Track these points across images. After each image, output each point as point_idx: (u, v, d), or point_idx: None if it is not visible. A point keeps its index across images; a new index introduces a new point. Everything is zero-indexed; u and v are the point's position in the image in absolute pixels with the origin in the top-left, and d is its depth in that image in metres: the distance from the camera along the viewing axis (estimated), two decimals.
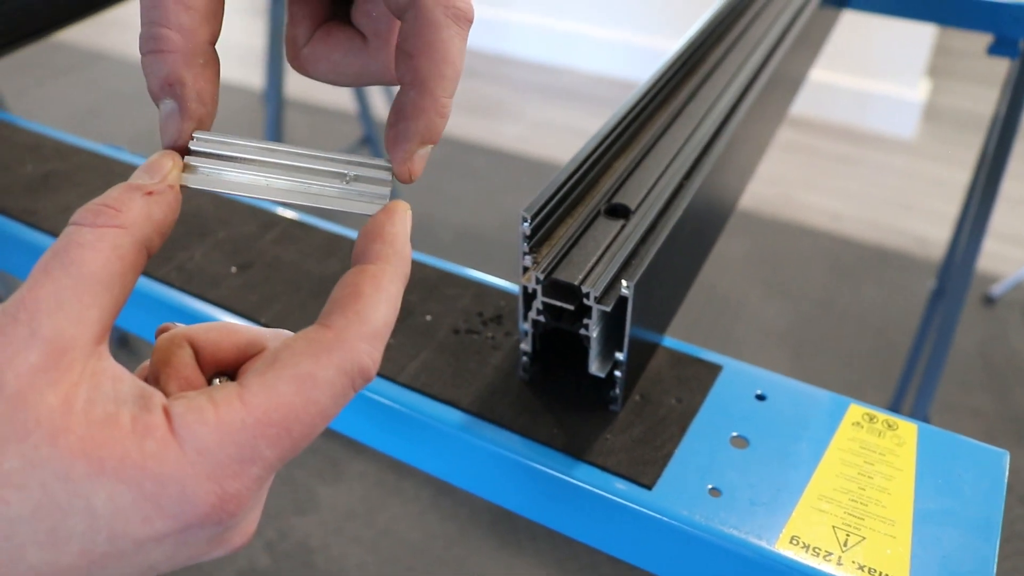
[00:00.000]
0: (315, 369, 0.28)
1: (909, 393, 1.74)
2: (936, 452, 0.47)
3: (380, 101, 2.71)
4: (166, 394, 0.30)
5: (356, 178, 0.34)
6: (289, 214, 0.65)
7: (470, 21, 0.33)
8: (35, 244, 0.62)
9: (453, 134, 2.78)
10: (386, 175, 0.34)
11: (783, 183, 2.58)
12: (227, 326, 0.34)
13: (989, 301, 2.12)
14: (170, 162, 0.32)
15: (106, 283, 0.28)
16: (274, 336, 0.34)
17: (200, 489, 0.27)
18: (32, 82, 3.06)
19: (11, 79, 2.93)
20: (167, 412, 0.27)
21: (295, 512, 1.62)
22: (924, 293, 2.01)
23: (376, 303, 0.30)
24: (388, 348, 0.52)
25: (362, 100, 2.24)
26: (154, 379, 0.33)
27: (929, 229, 2.41)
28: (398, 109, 0.34)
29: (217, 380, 0.33)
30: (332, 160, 0.34)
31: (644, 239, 0.46)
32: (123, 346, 1.91)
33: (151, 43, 0.32)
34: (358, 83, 0.38)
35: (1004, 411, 1.84)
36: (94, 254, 0.28)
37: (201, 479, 0.27)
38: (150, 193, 0.30)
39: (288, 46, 0.38)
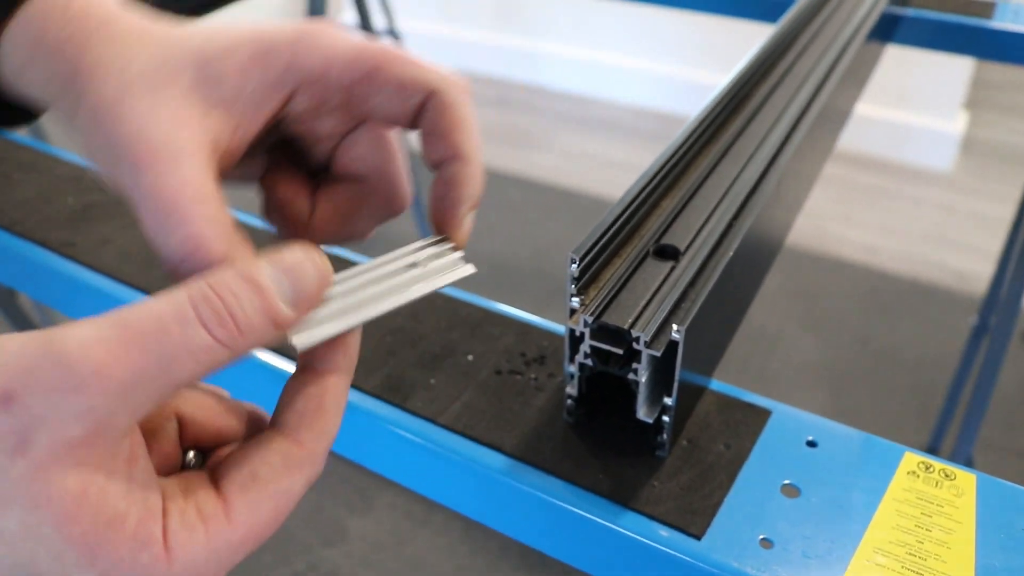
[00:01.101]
0: (291, 486, 0.32)
1: (949, 432, 1.70)
2: (998, 505, 0.45)
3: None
4: None
5: (428, 259, 0.36)
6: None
7: (469, 93, 0.38)
8: (73, 276, 0.62)
9: (487, 164, 2.77)
10: (448, 244, 0.37)
11: (818, 215, 2.55)
12: (213, 408, 0.36)
13: None
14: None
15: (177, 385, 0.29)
16: (252, 425, 0.37)
17: None
18: None
19: None
20: (164, 524, 0.29)
21: (323, 544, 1.61)
22: (963, 329, 1.97)
23: (337, 418, 0.33)
24: (430, 388, 0.51)
25: None
26: None
27: (968, 263, 2.37)
28: (445, 181, 0.37)
29: (191, 454, 0.35)
30: (398, 258, 0.36)
31: (694, 281, 0.45)
32: None
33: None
34: (381, 221, 0.40)
35: None
36: (193, 364, 0.28)
37: None
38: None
39: (292, 226, 0.39)
